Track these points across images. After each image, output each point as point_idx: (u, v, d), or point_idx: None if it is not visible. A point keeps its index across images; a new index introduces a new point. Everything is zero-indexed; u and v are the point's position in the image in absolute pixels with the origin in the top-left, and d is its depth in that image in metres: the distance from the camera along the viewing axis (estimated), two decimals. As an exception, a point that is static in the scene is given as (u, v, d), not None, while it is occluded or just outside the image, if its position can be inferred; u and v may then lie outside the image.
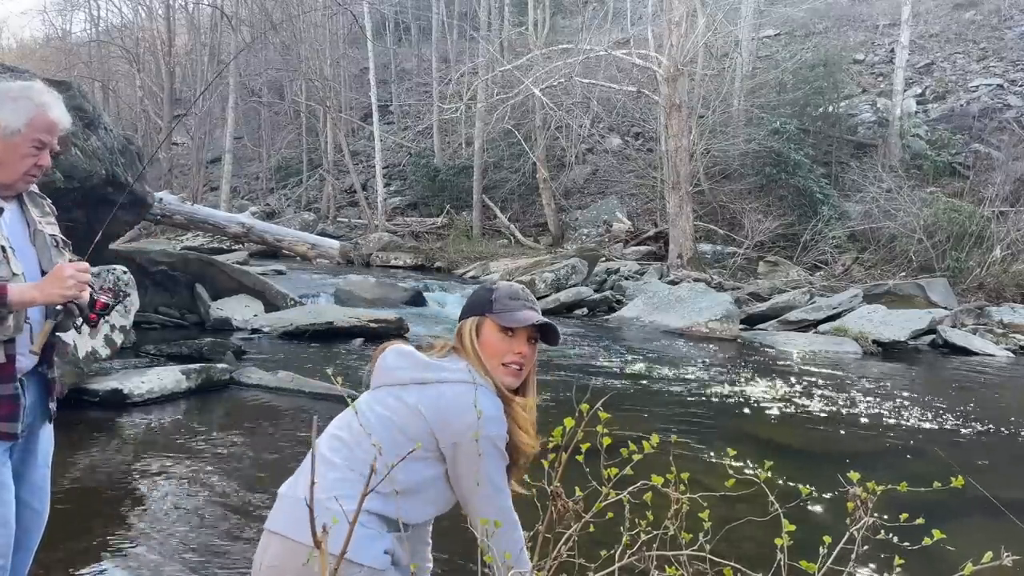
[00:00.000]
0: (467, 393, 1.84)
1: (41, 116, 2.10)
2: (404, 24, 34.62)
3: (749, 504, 1.89)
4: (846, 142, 20.11)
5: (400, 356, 1.98)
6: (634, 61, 17.12)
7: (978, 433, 6.31)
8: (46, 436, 2.30)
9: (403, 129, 28.60)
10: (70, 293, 2.05)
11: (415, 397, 1.86)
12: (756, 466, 1.71)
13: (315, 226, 21.88)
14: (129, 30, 36.45)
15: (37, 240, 2.18)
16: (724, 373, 8.28)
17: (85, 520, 3.74)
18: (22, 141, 2.08)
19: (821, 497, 4.33)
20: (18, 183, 2.14)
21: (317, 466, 1.73)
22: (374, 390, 1.97)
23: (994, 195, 16.13)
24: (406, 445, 1.74)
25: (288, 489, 1.93)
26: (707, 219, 17.90)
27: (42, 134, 2.11)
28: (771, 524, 1.67)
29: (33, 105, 2.09)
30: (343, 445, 1.86)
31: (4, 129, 2.06)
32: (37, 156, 2.12)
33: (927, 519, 1.55)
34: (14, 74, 7.08)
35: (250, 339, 8.79)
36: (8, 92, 2.10)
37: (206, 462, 4.71)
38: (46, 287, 2.04)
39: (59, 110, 2.15)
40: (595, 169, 22.85)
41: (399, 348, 2.01)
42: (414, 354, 1.97)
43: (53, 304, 2.10)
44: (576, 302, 12.82)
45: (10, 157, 2.08)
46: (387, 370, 1.96)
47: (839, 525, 1.57)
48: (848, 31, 25.73)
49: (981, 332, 11.44)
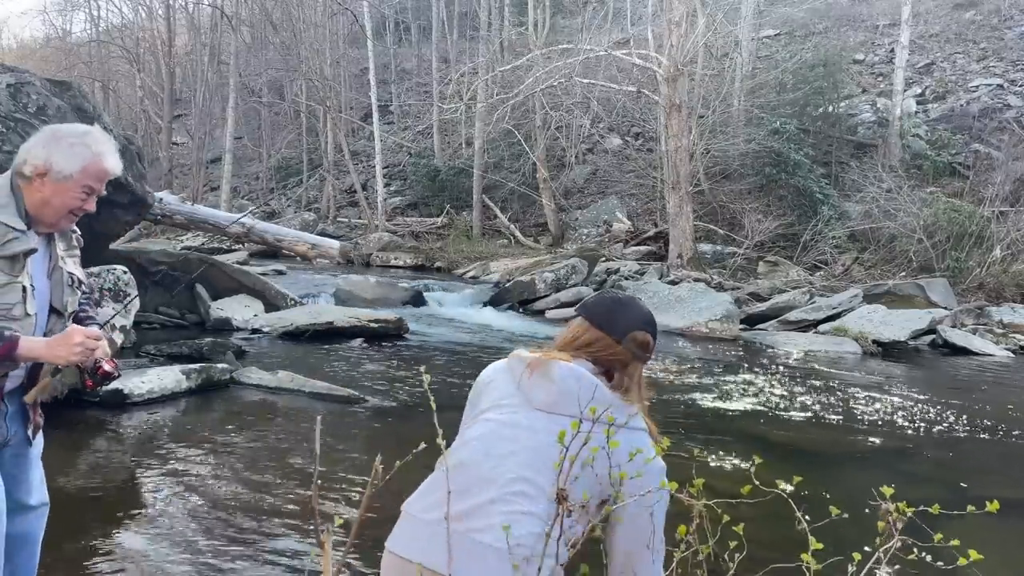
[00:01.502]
0: (651, 447, 1.72)
1: (95, 164, 2.12)
2: (404, 24, 34.61)
3: (750, 507, 1.89)
4: (846, 142, 20.11)
5: (590, 388, 1.72)
6: (634, 61, 17.11)
7: (978, 433, 6.31)
8: (37, 438, 2.32)
9: (403, 129, 28.59)
10: (74, 359, 2.07)
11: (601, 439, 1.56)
12: (759, 468, 1.71)
13: (315, 226, 21.86)
14: (129, 30, 36.47)
15: (54, 275, 2.20)
16: (724, 373, 8.28)
17: (85, 520, 3.74)
18: (73, 186, 2.09)
19: (822, 497, 4.33)
20: (59, 223, 2.17)
21: (487, 494, 1.62)
22: (549, 415, 1.70)
23: (994, 195, 16.13)
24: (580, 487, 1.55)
25: (437, 515, 1.62)
26: (707, 219, 17.89)
27: (93, 181, 2.13)
28: (771, 523, 1.66)
29: (89, 153, 2.11)
30: (524, 480, 1.63)
31: (57, 173, 2.07)
32: (84, 201, 2.14)
33: (925, 519, 1.55)
34: (14, 74, 7.10)
35: (250, 339, 8.79)
36: (66, 136, 2.11)
37: (206, 462, 4.71)
38: (53, 347, 2.06)
39: (113, 159, 2.17)
40: (595, 169, 22.84)
41: (581, 372, 1.76)
42: (602, 388, 1.74)
43: (56, 364, 2.11)
44: (576, 302, 12.65)
45: (58, 200, 2.10)
46: (567, 394, 1.71)
47: (841, 527, 1.57)
48: (848, 31, 25.72)
49: (981, 332, 11.44)
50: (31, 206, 2.09)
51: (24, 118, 6.70)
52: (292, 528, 3.78)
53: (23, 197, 2.08)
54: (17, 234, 2.04)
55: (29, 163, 2.07)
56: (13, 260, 2.04)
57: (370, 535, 3.65)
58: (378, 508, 3.99)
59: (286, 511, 3.98)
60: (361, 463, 4.76)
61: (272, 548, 3.56)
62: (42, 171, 2.06)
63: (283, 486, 4.33)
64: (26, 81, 6.99)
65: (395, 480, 1.30)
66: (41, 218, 2.11)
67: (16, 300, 2.05)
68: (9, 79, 6.87)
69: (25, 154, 2.09)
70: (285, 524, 3.83)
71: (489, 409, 1.81)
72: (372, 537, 3.63)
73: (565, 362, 1.77)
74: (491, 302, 13.01)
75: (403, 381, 7.12)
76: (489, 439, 1.73)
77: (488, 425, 1.77)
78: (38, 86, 7.02)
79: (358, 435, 5.49)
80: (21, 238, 2.05)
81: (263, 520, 3.86)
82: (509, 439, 1.70)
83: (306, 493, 4.12)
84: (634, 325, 1.82)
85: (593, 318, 1.85)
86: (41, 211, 2.10)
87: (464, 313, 12.10)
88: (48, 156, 2.06)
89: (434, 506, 1.65)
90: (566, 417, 1.60)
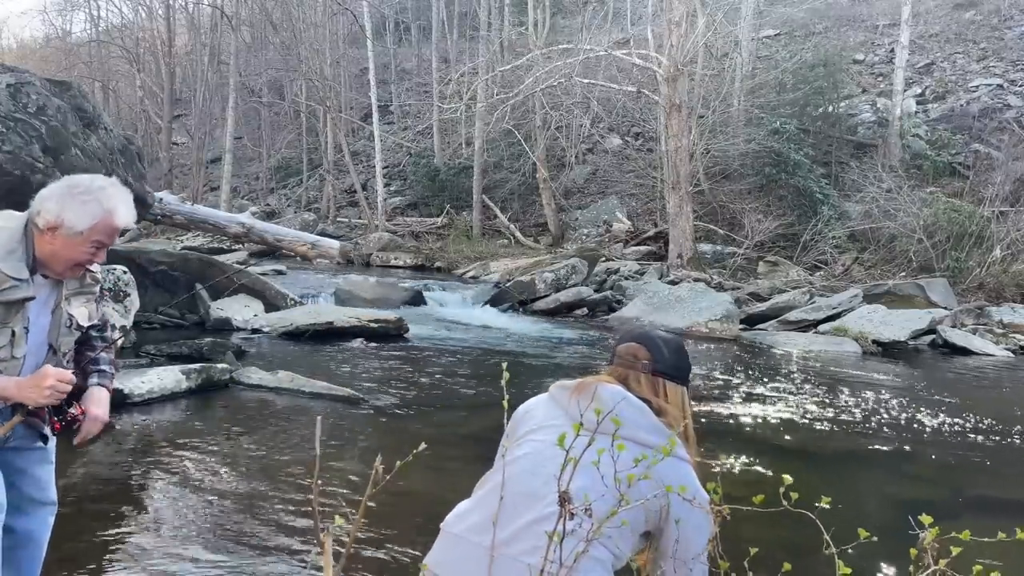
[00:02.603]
0: (691, 475, 1.74)
1: (106, 221, 2.12)
2: (404, 24, 34.61)
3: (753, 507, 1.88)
4: (846, 142, 20.11)
5: (635, 409, 1.76)
6: (634, 61, 17.12)
7: (978, 433, 6.31)
8: (51, 440, 2.35)
9: (403, 129, 28.59)
10: (43, 400, 2.10)
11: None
12: (766, 470, 1.70)
13: (315, 226, 21.86)
14: (129, 30, 36.48)
15: (55, 314, 2.22)
16: (724, 373, 8.28)
17: (85, 520, 3.73)
18: (82, 242, 2.11)
19: (821, 492, 4.33)
20: (66, 274, 2.19)
21: (528, 518, 1.61)
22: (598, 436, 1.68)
23: (994, 195, 16.13)
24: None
25: (482, 538, 1.62)
26: (707, 219, 17.89)
27: (103, 237, 2.14)
28: (769, 523, 1.66)
29: (101, 210, 2.11)
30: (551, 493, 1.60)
31: (68, 229, 2.08)
32: (94, 255, 2.16)
33: (928, 519, 1.54)
34: (14, 74, 7.09)
35: (250, 339, 8.79)
36: (79, 192, 2.12)
37: (206, 462, 4.71)
38: (24, 387, 2.08)
39: (125, 214, 2.17)
40: (595, 169, 22.85)
41: (630, 397, 1.79)
42: (647, 412, 1.77)
43: (25, 403, 2.12)
44: (576, 302, 12.82)
45: (66, 253, 2.12)
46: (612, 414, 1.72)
47: (846, 529, 1.56)
48: (848, 31, 25.73)
49: (981, 332, 11.44)
50: (41, 255, 2.11)
51: (24, 118, 6.69)
52: (292, 528, 3.78)
53: (34, 244, 2.11)
54: (17, 283, 2.07)
55: (42, 216, 2.09)
56: (8, 306, 2.07)
57: (370, 535, 3.65)
58: (378, 508, 4.00)
59: (286, 511, 3.98)
60: (360, 463, 4.76)
61: (272, 548, 3.56)
62: (53, 225, 2.08)
63: (283, 486, 4.33)
64: (26, 81, 6.99)
65: (395, 480, 1.30)
66: (49, 267, 2.14)
67: (3, 343, 2.08)
68: (9, 79, 6.87)
69: (39, 205, 2.11)
70: (285, 524, 3.82)
71: (533, 431, 1.82)
72: (374, 536, 3.63)
73: (610, 384, 1.82)
74: (491, 302, 13.01)
75: (403, 381, 7.12)
76: (535, 459, 1.74)
77: (533, 445, 1.78)
78: (38, 86, 7.01)
79: (358, 435, 5.48)
80: (21, 286, 2.07)
81: (263, 520, 3.86)
82: (553, 458, 1.67)
83: (307, 493, 4.12)
84: (624, 339, 1.92)
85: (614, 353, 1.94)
86: (49, 262, 2.12)
87: (464, 313, 12.10)
88: (60, 211, 2.08)
89: (475, 526, 1.65)
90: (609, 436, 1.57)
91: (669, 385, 1.85)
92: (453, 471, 4.38)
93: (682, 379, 1.88)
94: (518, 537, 1.60)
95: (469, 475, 1.55)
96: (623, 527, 1.55)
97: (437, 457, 4.57)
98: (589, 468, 1.45)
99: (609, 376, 1.87)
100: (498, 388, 6.76)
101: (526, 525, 1.62)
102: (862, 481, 5.07)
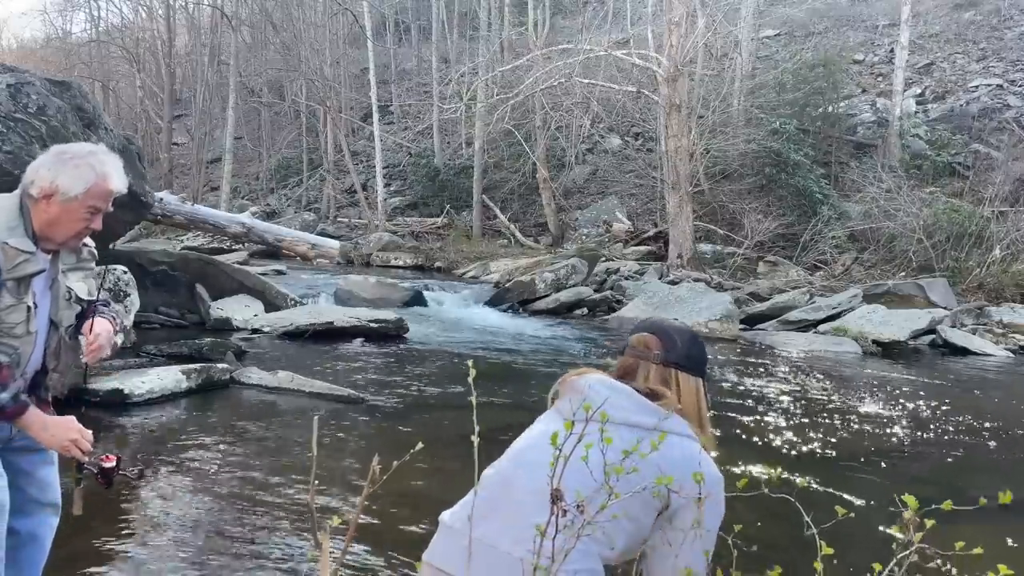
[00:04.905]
0: (699, 452, 1.71)
1: (100, 185, 2.15)
2: (404, 24, 34.61)
3: (745, 502, 1.89)
4: (846, 142, 20.11)
5: (620, 393, 1.73)
6: (634, 61, 17.12)
7: (978, 433, 6.31)
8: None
9: (403, 129, 28.60)
10: (58, 450, 2.17)
11: (646, 447, 1.55)
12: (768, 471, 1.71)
13: (315, 226, 21.87)
14: (129, 30, 36.48)
15: (53, 288, 2.24)
16: (724, 373, 8.28)
17: (85, 520, 3.72)
18: (78, 207, 2.13)
19: (824, 495, 4.34)
20: (67, 243, 2.21)
21: (523, 512, 1.61)
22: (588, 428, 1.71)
23: (994, 195, 16.12)
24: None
25: (484, 534, 1.64)
26: (707, 219, 17.89)
27: (98, 201, 2.16)
28: (768, 522, 1.66)
29: (94, 174, 2.14)
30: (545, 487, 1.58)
31: (63, 195, 2.11)
32: (90, 220, 2.18)
33: (936, 516, 1.54)
34: (14, 74, 7.09)
35: (250, 339, 8.79)
36: (71, 157, 2.15)
37: (206, 462, 4.71)
38: (50, 428, 2.13)
39: (118, 179, 2.20)
40: (595, 169, 22.85)
41: (612, 382, 1.78)
42: (632, 394, 1.74)
43: (44, 443, 2.16)
44: (576, 302, 12.82)
45: (64, 220, 2.14)
46: (597, 401, 1.66)
47: (846, 525, 1.57)
48: (848, 31, 25.73)
49: (981, 332, 11.43)
50: (39, 226, 2.13)
51: (24, 118, 6.69)
52: (291, 528, 3.79)
53: (31, 217, 2.12)
54: (27, 256, 2.09)
55: (36, 184, 2.11)
56: (20, 281, 2.09)
57: (369, 534, 3.65)
58: (378, 508, 4.00)
59: (285, 511, 3.98)
60: (360, 463, 4.76)
61: (271, 547, 3.56)
62: (48, 193, 2.10)
63: (282, 486, 4.33)
64: (26, 81, 6.99)
65: (394, 480, 1.30)
66: (49, 237, 2.15)
67: (20, 319, 2.11)
68: (9, 79, 6.87)
69: (32, 175, 2.14)
70: (284, 524, 3.83)
71: (529, 429, 1.87)
72: (371, 537, 3.64)
73: (595, 374, 1.82)
74: (491, 302, 13.01)
75: (403, 381, 7.12)
76: (520, 450, 1.79)
77: (520, 440, 1.83)
78: (38, 86, 7.02)
79: (357, 435, 5.49)
80: (31, 260, 2.10)
81: (262, 519, 3.86)
82: (536, 448, 1.72)
83: (305, 493, 4.13)
84: (637, 329, 1.93)
85: None
86: (48, 231, 2.14)
87: (464, 313, 12.10)
88: (54, 178, 2.10)
89: (465, 517, 1.68)
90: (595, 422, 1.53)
91: (682, 376, 1.81)
92: (453, 471, 4.38)
93: (696, 370, 1.84)
94: (511, 531, 1.63)
95: (469, 475, 1.56)
96: (616, 519, 1.54)
97: (437, 457, 4.57)
98: (580, 464, 1.44)
99: (596, 369, 1.88)
100: (498, 388, 6.77)
101: (506, 515, 1.66)
102: (862, 481, 5.07)
